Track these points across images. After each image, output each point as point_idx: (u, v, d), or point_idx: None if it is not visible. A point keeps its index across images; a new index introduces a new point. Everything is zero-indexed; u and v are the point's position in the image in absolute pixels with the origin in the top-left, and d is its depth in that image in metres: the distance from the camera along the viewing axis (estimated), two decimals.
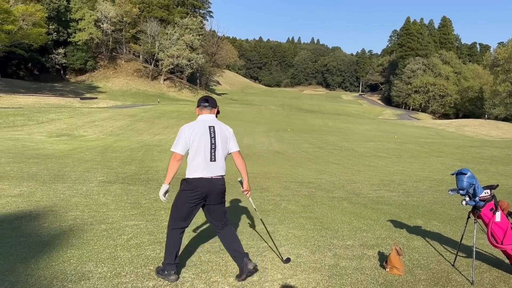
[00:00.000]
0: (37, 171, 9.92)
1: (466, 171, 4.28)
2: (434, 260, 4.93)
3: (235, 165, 4.37)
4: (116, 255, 4.58)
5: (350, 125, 45.13)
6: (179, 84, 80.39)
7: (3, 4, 42.12)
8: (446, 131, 45.72)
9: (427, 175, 12.89)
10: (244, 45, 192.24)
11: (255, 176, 11.33)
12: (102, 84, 71.73)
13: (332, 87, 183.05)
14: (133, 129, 28.39)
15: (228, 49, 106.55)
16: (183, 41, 73.62)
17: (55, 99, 47.73)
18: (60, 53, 67.40)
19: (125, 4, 73.46)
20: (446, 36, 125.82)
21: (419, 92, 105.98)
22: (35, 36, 49.29)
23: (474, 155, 19.48)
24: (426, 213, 7.46)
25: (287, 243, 5.31)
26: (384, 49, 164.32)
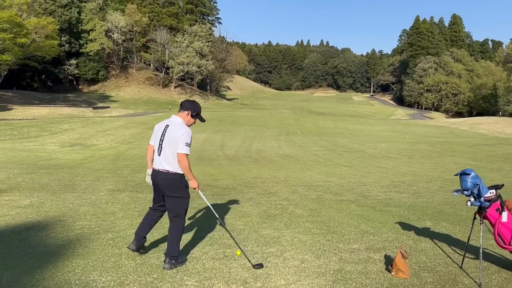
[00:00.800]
0: (48, 182, 10.06)
1: (469, 171, 4.22)
2: (441, 262, 4.85)
3: None
4: (121, 263, 4.61)
5: (362, 126, 44.80)
6: (189, 90, 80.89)
7: (16, 18, 42.95)
8: (459, 130, 45.10)
9: (439, 175, 12.72)
10: (254, 50, 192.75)
11: (263, 180, 11.32)
12: (114, 93, 72.53)
13: (343, 89, 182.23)
14: (145, 137, 28.59)
15: (238, 55, 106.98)
16: (193, 48, 74.15)
17: (68, 109, 48.41)
18: (73, 64, 68.40)
19: (135, 14, 74.27)
20: (457, 33, 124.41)
21: (431, 91, 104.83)
22: (48, 48, 50.14)
23: (487, 153, 19.17)
24: (435, 214, 7.36)
25: (292, 248, 5.28)
26: (395, 49, 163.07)
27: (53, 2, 64.25)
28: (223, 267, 4.59)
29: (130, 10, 74.25)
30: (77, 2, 68.20)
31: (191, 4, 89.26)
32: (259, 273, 4.42)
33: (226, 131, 31.11)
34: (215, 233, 5.87)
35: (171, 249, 4.53)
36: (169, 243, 4.56)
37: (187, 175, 4.60)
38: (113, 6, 75.56)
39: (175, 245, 4.56)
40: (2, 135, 25.56)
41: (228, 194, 9.08)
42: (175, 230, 4.62)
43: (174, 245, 4.55)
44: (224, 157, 18.60)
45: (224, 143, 25.09)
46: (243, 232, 6.00)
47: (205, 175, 12.38)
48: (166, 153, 4.51)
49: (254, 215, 7.09)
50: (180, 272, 4.40)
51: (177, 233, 4.62)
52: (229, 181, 11.10)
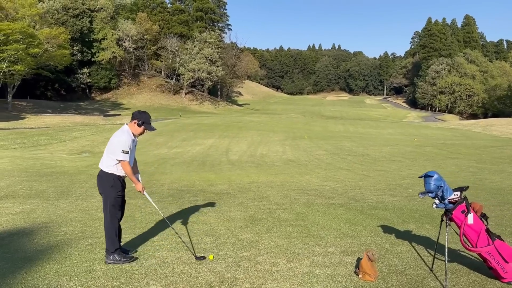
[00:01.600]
0: (46, 189, 10.25)
1: (433, 173, 4.20)
2: (413, 265, 4.83)
3: None
4: (92, 269, 4.69)
5: (372, 129, 44.49)
6: (200, 97, 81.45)
7: (28, 29, 43.94)
8: (471, 132, 44.44)
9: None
10: (265, 55, 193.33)
11: (258, 185, 11.35)
12: (126, 100, 73.45)
13: (355, 92, 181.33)
14: (152, 143, 28.88)
15: (249, 60, 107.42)
16: (203, 55, 74.78)
17: (79, 117, 49.18)
18: (85, 73, 69.58)
19: (145, 22, 75.27)
20: (470, 34, 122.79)
21: (445, 93, 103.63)
22: (60, 57, 51.14)
23: (493, 155, 18.86)
24: (422, 217, 7.29)
25: (266, 252, 5.30)
26: (407, 51, 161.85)
27: (65, 13, 65.56)
28: (192, 271, 4.63)
29: (140, 18, 75.28)
30: (89, 12, 69.45)
31: (201, 11, 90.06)
32: (226, 277, 4.46)
33: (233, 136, 31.23)
34: (193, 238, 5.92)
35: (107, 243, 4.92)
36: (105, 238, 4.98)
37: (130, 179, 5.04)
38: (124, 15, 76.74)
39: (108, 240, 4.89)
40: (13, 144, 26.09)
41: (219, 199, 9.13)
42: (105, 226, 4.97)
43: (108, 240, 4.90)
44: (226, 162, 18.68)
45: (229, 148, 25.20)
46: (222, 236, 6.05)
47: (203, 180, 12.47)
48: (104, 153, 5.01)
49: (239, 219, 7.13)
50: (148, 277, 4.47)
51: (107, 228, 4.95)
52: (224, 186, 11.15)
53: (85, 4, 68.98)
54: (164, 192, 10.08)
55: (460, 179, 12.23)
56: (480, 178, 12.49)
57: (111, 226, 4.93)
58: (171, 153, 23.65)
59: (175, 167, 16.63)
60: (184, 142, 28.67)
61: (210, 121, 46.25)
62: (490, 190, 10.11)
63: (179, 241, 5.81)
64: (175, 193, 9.89)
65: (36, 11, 49.91)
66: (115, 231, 4.97)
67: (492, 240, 4.19)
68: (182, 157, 21.51)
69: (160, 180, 12.37)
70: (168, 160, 19.74)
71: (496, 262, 4.15)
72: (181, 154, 23.06)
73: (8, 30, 41.42)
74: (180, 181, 12.13)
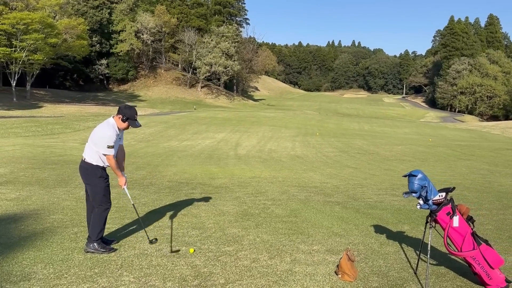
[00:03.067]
0: (47, 176, 10.33)
1: (417, 172, 4.02)
2: (397, 267, 4.66)
3: None
4: (70, 257, 4.66)
5: (388, 128, 43.87)
6: (216, 91, 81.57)
7: (47, 19, 44.52)
8: (490, 134, 43.44)
9: (446, 179, 12.27)
10: (284, 51, 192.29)
11: (259, 180, 11.24)
12: (143, 92, 74.07)
13: (374, 90, 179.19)
14: (164, 136, 29.01)
15: (267, 55, 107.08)
16: (219, 49, 74.77)
17: (96, 107, 49.76)
18: (103, 64, 70.34)
19: (164, 15, 75.59)
20: (494, 34, 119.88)
21: (465, 93, 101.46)
22: (78, 48, 51.72)
23: (507, 158, 18.34)
24: (419, 218, 7.08)
25: (249, 248, 5.20)
26: (428, 50, 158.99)
27: (85, 4, 66.26)
28: (169, 264, 4.56)
29: (159, 11, 75.63)
30: (108, 3, 70.08)
31: (219, 5, 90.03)
32: (202, 272, 4.37)
33: (244, 131, 31.14)
34: (179, 231, 5.85)
35: (91, 231, 4.89)
36: (90, 226, 4.95)
37: (114, 173, 5.07)
38: (143, 7, 77.21)
39: (94, 229, 4.87)
40: (27, 132, 26.50)
41: (217, 193, 9.05)
42: (94, 216, 4.94)
43: (94, 229, 4.87)
44: (233, 157, 18.61)
45: (239, 143, 25.12)
46: (209, 230, 5.96)
47: (205, 173, 12.42)
48: (88, 143, 4.94)
49: (231, 214, 7.04)
50: (123, 268, 4.41)
51: (95, 219, 4.91)
52: (225, 180, 11.08)
53: None
54: (163, 184, 10.05)
55: (469, 181, 11.91)
56: (489, 180, 12.13)
57: (102, 216, 4.93)
58: (180, 146, 23.69)
59: (181, 160, 16.63)
60: (195, 135, 28.70)
61: (223, 115, 46.26)
62: (497, 193, 9.80)
63: (164, 233, 5.76)
64: (174, 186, 9.86)
65: (56, 2, 50.50)
66: (104, 221, 4.96)
67: (478, 244, 4.00)
68: (191, 150, 21.53)
69: (163, 172, 12.36)
70: (176, 153, 19.76)
71: (481, 268, 3.96)
72: (190, 147, 23.09)
73: (28, 19, 42.03)
74: (182, 174, 12.10)
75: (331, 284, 4.14)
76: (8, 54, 42.98)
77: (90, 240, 4.85)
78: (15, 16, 41.94)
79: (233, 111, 55.99)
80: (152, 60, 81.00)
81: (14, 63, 45.55)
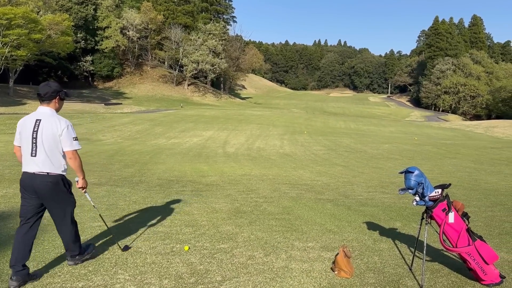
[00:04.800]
0: None
1: (413, 169, 4.04)
2: (392, 263, 4.69)
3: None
4: (63, 255, 4.57)
5: (373, 127, 44.25)
6: (203, 89, 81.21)
7: (31, 14, 43.69)
8: (473, 133, 44.17)
9: (433, 177, 12.41)
10: (270, 49, 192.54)
11: (250, 178, 11.22)
12: (129, 90, 73.27)
13: (359, 89, 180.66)
14: (151, 133, 28.78)
15: (254, 54, 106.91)
16: (206, 47, 74.48)
17: (80, 105, 49.09)
18: (88, 61, 69.30)
19: (150, 12, 74.84)
20: (477, 35, 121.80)
21: (449, 93, 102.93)
22: (63, 44, 50.83)
23: (492, 156, 18.67)
24: (410, 215, 7.15)
25: (244, 245, 5.17)
26: (413, 50, 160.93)
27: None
28: (164, 262, 4.51)
29: (145, 7, 74.87)
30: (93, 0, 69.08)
31: (206, 2, 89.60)
32: (198, 269, 4.33)
33: (232, 129, 31.07)
34: (173, 229, 5.79)
35: (72, 249, 4.25)
36: (67, 246, 4.24)
37: (78, 173, 4.20)
38: (129, 4, 76.42)
39: (75, 245, 4.26)
40: (10, 129, 26.01)
41: (208, 191, 9.01)
42: (71, 233, 4.22)
43: (75, 246, 4.26)
44: (222, 155, 18.55)
45: (227, 140, 25.06)
46: (202, 227, 5.92)
47: (195, 171, 12.35)
48: (42, 152, 3.88)
49: (224, 211, 7.00)
50: (117, 266, 4.35)
51: (73, 235, 4.24)
52: (215, 178, 11.03)
53: None
54: (153, 182, 9.96)
55: (456, 179, 12.07)
56: (475, 178, 12.32)
57: (75, 230, 4.28)
58: (168, 144, 23.54)
59: (169, 158, 16.51)
60: (182, 133, 28.54)
61: (211, 113, 46.09)
62: (484, 190, 9.95)
63: (157, 230, 5.70)
64: (164, 183, 9.78)
65: None
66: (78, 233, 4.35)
67: (473, 240, 4.04)
68: (179, 148, 21.40)
69: (152, 170, 12.25)
70: (164, 151, 19.62)
71: (476, 264, 4.01)
72: (178, 144, 22.95)
73: (10, 14, 41.17)
74: (172, 171, 12.01)
75: (328, 281, 4.15)
76: None
77: (73, 255, 4.29)
78: None
79: (221, 109, 55.82)
80: (138, 57, 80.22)
81: None
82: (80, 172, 4.21)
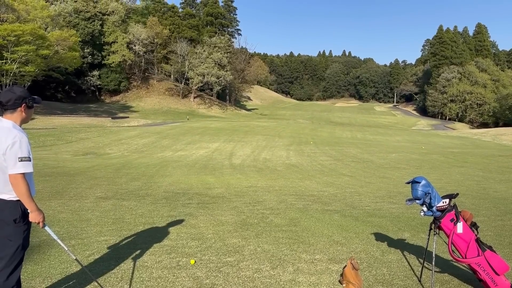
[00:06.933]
0: (41, 189, 10.18)
1: (420, 179, 4.00)
2: (401, 275, 4.62)
3: None
4: (68, 270, 4.56)
5: (380, 136, 44.09)
6: (208, 101, 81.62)
7: (38, 30, 44.36)
8: (481, 141, 43.82)
9: (441, 186, 12.29)
10: (275, 61, 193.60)
11: (256, 189, 11.18)
12: (135, 103, 73.85)
13: (365, 99, 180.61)
14: (157, 146, 28.87)
15: (259, 65, 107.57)
16: (212, 59, 75.05)
17: (88, 119, 49.45)
18: (95, 75, 70.11)
19: (156, 26, 75.77)
20: (482, 43, 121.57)
21: (455, 101, 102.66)
22: (70, 59, 51.51)
23: (500, 164, 18.48)
24: (418, 225, 7.07)
25: (251, 258, 5.13)
26: (418, 59, 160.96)
27: (77, 15, 66.21)
28: (170, 276, 4.48)
29: (151, 22, 75.80)
30: (100, 15, 70.08)
31: (211, 16, 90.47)
32: (205, 283, 4.30)
33: (238, 140, 31.10)
34: (179, 242, 5.77)
35: None
36: None
37: (27, 205, 3.27)
38: (135, 19, 77.34)
39: None
40: None
41: (214, 203, 8.98)
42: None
43: None
44: (228, 166, 18.53)
45: (233, 152, 25.06)
46: (209, 240, 5.88)
47: (201, 183, 12.33)
48: None
49: (230, 223, 6.96)
50: (123, 280, 4.33)
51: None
52: (222, 190, 11.00)
53: (96, 7, 69.66)
54: (160, 195, 9.95)
55: (464, 188, 11.94)
56: (484, 187, 12.18)
57: (12, 283, 3.29)
58: (175, 156, 23.57)
59: (176, 170, 16.52)
60: (189, 146, 28.60)
61: (217, 125, 46.21)
62: (493, 199, 9.83)
63: (163, 244, 5.67)
64: (170, 196, 9.76)
65: (47, 14, 50.43)
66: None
67: (483, 250, 3.98)
68: (185, 160, 21.42)
69: (158, 183, 12.25)
70: (171, 163, 19.64)
71: (486, 274, 3.93)
72: (184, 157, 22.98)
73: (19, 31, 41.85)
74: (178, 184, 12.00)
75: None
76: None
77: None
78: (6, 28, 41.74)
79: (226, 121, 55.95)
80: (144, 71, 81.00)
81: (5, 75, 45.21)
82: (28, 203, 3.26)
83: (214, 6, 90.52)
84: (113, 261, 4.91)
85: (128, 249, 5.43)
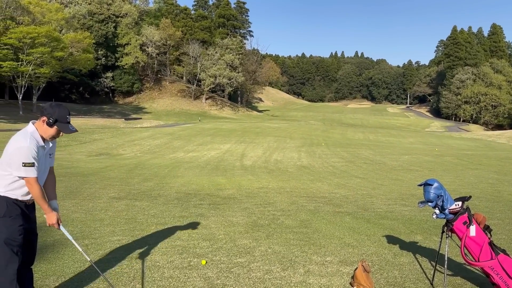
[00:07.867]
0: (56, 189, 10.32)
1: (432, 181, 3.97)
2: (413, 278, 4.59)
3: None
4: (82, 270, 4.62)
5: (393, 138, 43.75)
6: (220, 102, 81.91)
7: (53, 32, 45.03)
8: (495, 143, 43.21)
9: (455, 188, 12.16)
10: (287, 62, 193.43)
11: (267, 191, 11.20)
12: (148, 105, 74.49)
13: (378, 100, 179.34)
14: (169, 147, 29.08)
15: (270, 67, 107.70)
16: (224, 61, 75.37)
17: (101, 120, 50.03)
18: (109, 77, 70.94)
19: (169, 28, 76.35)
20: (497, 44, 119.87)
21: (470, 102, 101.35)
22: (84, 61, 52.21)
23: None
24: (431, 228, 7.00)
25: (261, 259, 5.14)
26: (432, 60, 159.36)
27: (91, 18, 67.04)
28: (182, 276, 4.51)
29: (164, 24, 76.40)
30: (114, 17, 70.87)
31: (223, 18, 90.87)
32: (215, 284, 4.32)
33: (249, 141, 31.15)
34: (190, 243, 5.80)
35: None
36: None
37: (40, 205, 3.49)
38: (148, 21, 78.06)
39: None
40: None
41: (225, 204, 9.02)
42: None
43: None
44: (240, 167, 18.58)
45: (245, 153, 25.11)
46: (220, 241, 5.91)
47: (212, 184, 12.39)
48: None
49: (241, 224, 6.99)
50: (135, 280, 4.37)
51: None
52: (233, 191, 11.04)
53: (110, 10, 70.46)
54: (172, 195, 10.03)
55: (478, 190, 11.79)
56: (498, 190, 12.01)
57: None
58: (186, 157, 23.71)
59: (187, 171, 16.61)
60: (200, 147, 28.74)
61: (228, 126, 46.34)
62: (508, 202, 9.69)
63: (175, 244, 5.71)
64: (182, 197, 9.83)
65: (62, 16, 51.15)
66: None
67: (496, 254, 3.93)
68: (197, 161, 21.53)
69: (170, 183, 12.35)
70: (183, 164, 19.76)
71: (500, 278, 3.89)
72: (196, 158, 23.10)
73: (34, 33, 42.53)
74: (190, 185, 12.08)
75: None
76: (14, 68, 43.44)
77: None
78: (21, 30, 42.46)
79: (238, 122, 56.08)
80: (157, 72, 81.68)
81: (21, 76, 46.00)
82: (41, 205, 3.49)
83: (226, 7, 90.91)
84: (125, 261, 4.96)
85: (140, 249, 5.48)
